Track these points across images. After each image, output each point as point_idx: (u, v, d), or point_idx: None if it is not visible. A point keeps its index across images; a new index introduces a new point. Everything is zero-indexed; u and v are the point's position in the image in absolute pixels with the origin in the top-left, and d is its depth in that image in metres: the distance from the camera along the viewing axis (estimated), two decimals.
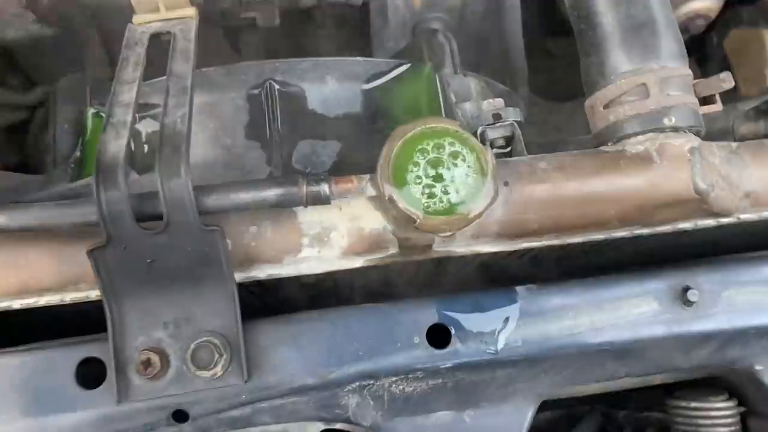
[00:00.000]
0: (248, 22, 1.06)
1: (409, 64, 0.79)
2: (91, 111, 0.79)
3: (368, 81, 0.78)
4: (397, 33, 1.12)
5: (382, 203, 0.57)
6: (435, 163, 0.55)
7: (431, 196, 0.54)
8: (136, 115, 0.62)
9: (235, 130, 0.75)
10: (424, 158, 0.56)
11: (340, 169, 0.75)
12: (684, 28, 1.20)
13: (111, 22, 0.90)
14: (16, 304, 0.61)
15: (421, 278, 0.71)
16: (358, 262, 0.62)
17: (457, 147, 0.55)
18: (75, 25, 0.86)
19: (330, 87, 0.77)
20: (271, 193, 0.56)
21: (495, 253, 0.63)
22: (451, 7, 1.06)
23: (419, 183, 0.54)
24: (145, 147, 0.76)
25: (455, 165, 0.55)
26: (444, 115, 0.77)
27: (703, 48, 1.51)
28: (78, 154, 0.78)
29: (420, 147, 0.55)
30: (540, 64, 1.35)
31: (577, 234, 0.63)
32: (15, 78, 0.92)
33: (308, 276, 0.63)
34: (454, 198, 0.54)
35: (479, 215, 0.54)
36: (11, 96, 0.94)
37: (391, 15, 1.10)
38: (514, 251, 0.63)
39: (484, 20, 1.15)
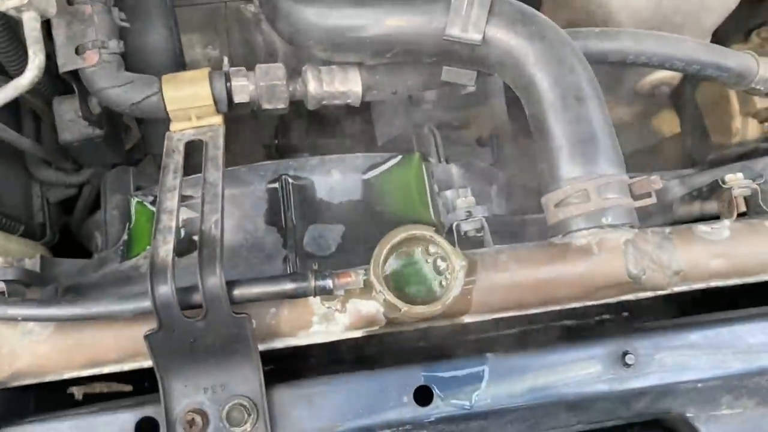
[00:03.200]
0: None
1: (399, 156, 0.94)
2: (134, 201, 0.94)
3: (366, 172, 0.93)
4: (396, 108, 1.26)
5: (375, 293, 0.71)
6: (416, 263, 0.70)
7: (412, 291, 0.68)
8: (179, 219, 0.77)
9: (256, 218, 0.90)
10: (407, 260, 0.70)
11: (344, 249, 0.89)
12: (650, 94, 1.33)
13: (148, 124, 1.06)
14: (84, 373, 0.76)
15: (408, 343, 0.85)
16: (356, 334, 0.76)
17: (434, 249, 0.70)
18: (118, 128, 1.02)
19: (335, 178, 0.91)
20: (287, 287, 0.70)
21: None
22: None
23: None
24: (182, 231, 0.90)
25: (432, 264, 0.70)
26: (430, 200, 0.91)
27: (679, 97, 1.64)
28: (125, 237, 0.93)
29: (402, 250, 0.70)
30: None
31: (535, 308, 0.77)
32: (67, 163, 1.08)
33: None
34: (431, 292, 0.69)
35: (451, 304, 0.69)
36: (65, 177, 1.09)
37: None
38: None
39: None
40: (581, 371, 0.76)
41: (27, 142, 0.98)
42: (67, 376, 0.75)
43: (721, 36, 1.42)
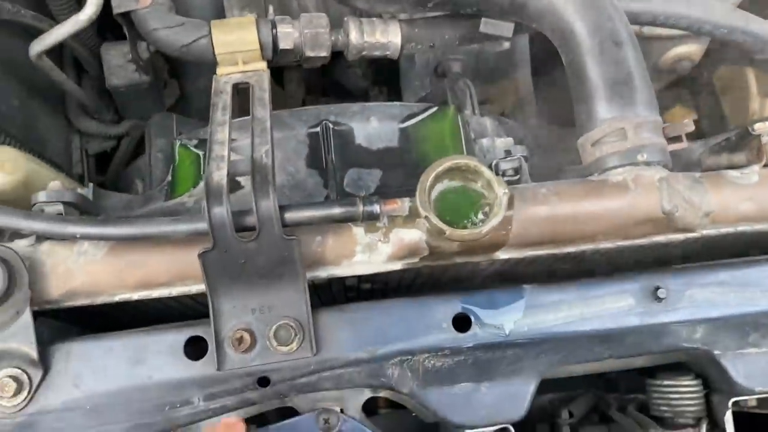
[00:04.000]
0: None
1: (436, 107, 0.97)
2: (178, 144, 0.97)
3: (403, 121, 0.96)
4: (422, 72, 1.29)
5: (419, 220, 0.74)
6: (460, 191, 0.72)
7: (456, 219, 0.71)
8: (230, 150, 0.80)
9: (298, 161, 0.92)
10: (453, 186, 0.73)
11: (381, 192, 0.92)
12: (672, 69, 1.36)
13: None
14: (135, 296, 0.78)
15: (447, 277, 0.88)
16: (398, 266, 0.79)
17: (477, 179, 0.73)
18: (160, 81, 1.05)
19: (373, 126, 0.94)
20: (336, 211, 0.73)
21: (507, 260, 0.80)
22: (469, 50, 1.23)
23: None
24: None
25: (475, 193, 0.73)
26: (465, 149, 0.94)
27: (695, 80, 1.67)
28: (170, 178, 0.96)
29: (449, 177, 0.73)
30: (548, 94, 1.52)
31: (570, 245, 0.80)
32: (108, 114, 1.11)
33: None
34: (473, 218, 0.71)
35: (492, 231, 0.71)
36: (105, 128, 1.12)
37: (417, 57, 1.28)
38: (522, 258, 0.80)
39: (498, 60, 1.32)
40: (615, 304, 0.78)
41: (73, 86, 1.01)
42: (118, 297, 0.77)
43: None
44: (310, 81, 1.51)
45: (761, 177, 0.81)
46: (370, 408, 0.83)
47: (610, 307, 0.78)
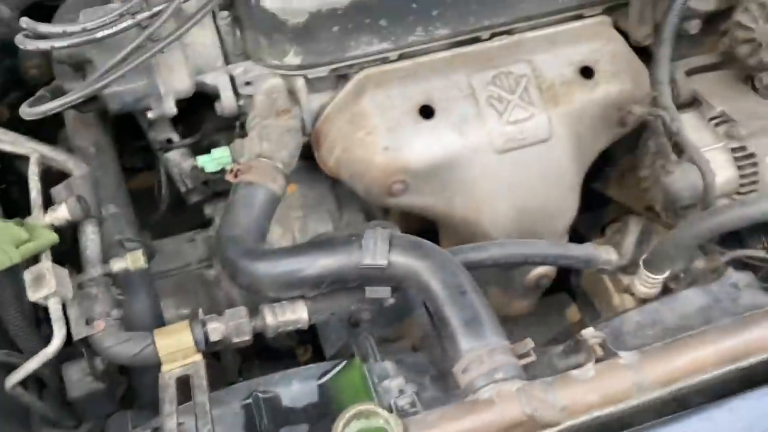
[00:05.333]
0: None
1: (345, 362, 1.19)
2: None
3: (320, 378, 1.17)
4: (336, 327, 1.53)
5: None
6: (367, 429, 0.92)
7: None
8: None
9: (236, 430, 1.10)
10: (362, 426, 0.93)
11: None
12: (536, 287, 1.66)
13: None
14: None
15: None
16: None
17: (378, 417, 0.93)
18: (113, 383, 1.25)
19: (295, 388, 1.15)
20: None
21: None
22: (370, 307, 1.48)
23: None
24: None
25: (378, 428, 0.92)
26: (373, 390, 1.15)
27: (569, 287, 1.97)
28: None
29: (356, 419, 0.92)
30: None
31: None
32: (69, 420, 1.27)
33: None
34: None
35: None
36: None
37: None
38: None
39: (397, 305, 1.57)
40: None
41: (40, 405, 1.18)
42: None
43: (583, 235, 1.80)
44: (244, 350, 1.72)
45: (596, 371, 1.05)
46: None
47: None
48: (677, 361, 1.06)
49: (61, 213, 1.16)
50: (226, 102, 1.44)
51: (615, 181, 1.84)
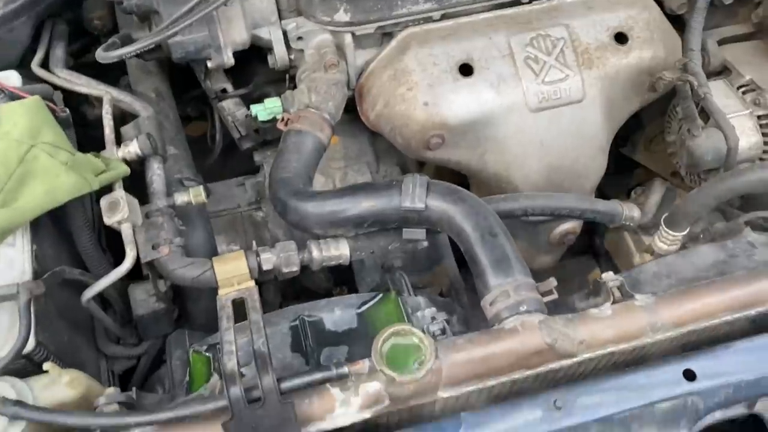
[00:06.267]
0: None
1: (381, 294, 1.30)
2: (192, 351, 1.26)
3: (359, 307, 1.28)
4: (371, 270, 1.64)
5: (377, 373, 1.03)
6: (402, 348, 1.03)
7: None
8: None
9: (284, 348, 1.22)
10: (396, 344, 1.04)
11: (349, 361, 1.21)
12: (561, 242, 1.74)
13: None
14: None
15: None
16: (368, 414, 1.05)
17: (411, 338, 1.04)
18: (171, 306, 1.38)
19: (337, 314, 1.26)
20: (317, 376, 1.00)
21: (450, 397, 1.07)
22: (405, 249, 1.59)
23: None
24: None
25: (412, 347, 1.03)
26: (407, 318, 1.26)
27: (592, 247, 2.05)
28: (187, 378, 1.23)
29: (393, 339, 1.03)
30: None
31: (490, 379, 1.09)
32: (131, 338, 1.41)
33: None
34: (414, 366, 1.01)
35: (428, 374, 1.01)
36: (128, 350, 1.41)
37: (365, 260, 1.63)
38: (460, 394, 1.08)
39: (427, 254, 1.66)
40: (530, 417, 1.05)
41: (109, 321, 1.32)
42: None
43: (609, 197, 1.87)
44: (284, 290, 1.84)
45: (613, 311, 1.13)
46: None
47: (526, 420, 1.06)
48: (690, 305, 1.14)
49: (132, 148, 1.28)
50: (279, 55, 1.54)
51: (643, 145, 1.90)
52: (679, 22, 1.62)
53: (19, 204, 1.11)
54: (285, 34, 1.54)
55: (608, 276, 1.19)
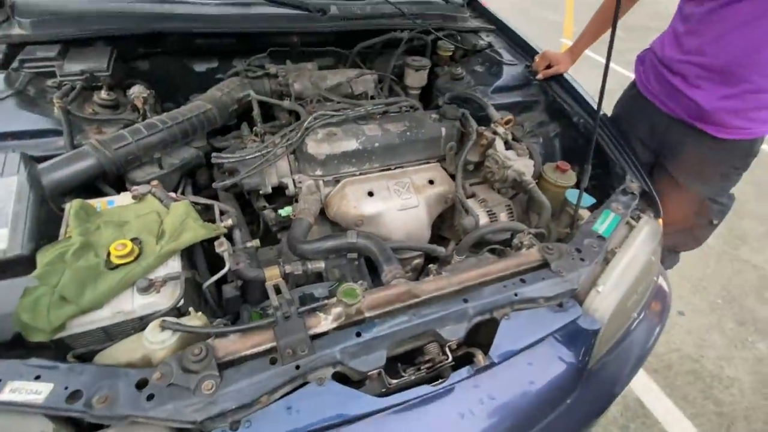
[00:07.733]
0: None
1: (337, 282, 1.59)
2: (252, 312, 1.47)
3: (331, 287, 1.56)
4: (333, 273, 1.91)
5: (340, 302, 1.31)
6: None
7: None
8: None
9: (297, 301, 1.47)
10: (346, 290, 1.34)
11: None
12: (414, 268, 2.07)
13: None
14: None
15: None
16: (335, 324, 1.21)
17: (356, 288, 1.34)
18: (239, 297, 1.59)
19: (319, 290, 1.51)
20: (314, 305, 1.29)
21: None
22: (351, 263, 1.85)
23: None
24: None
25: (355, 291, 1.34)
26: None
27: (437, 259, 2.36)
28: None
29: (343, 289, 1.34)
30: None
31: (384, 307, 1.38)
32: (219, 310, 1.58)
33: None
34: (355, 301, 1.31)
35: (359, 303, 1.31)
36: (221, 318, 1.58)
37: (331, 269, 1.91)
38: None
39: (359, 266, 1.97)
40: None
41: (212, 299, 1.50)
42: None
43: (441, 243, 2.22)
44: (297, 283, 2.03)
45: (434, 279, 1.48)
46: None
47: (399, 322, 1.35)
48: (465, 275, 1.34)
49: (227, 223, 1.55)
50: (291, 188, 1.91)
51: (445, 228, 2.34)
52: (452, 176, 2.14)
53: (179, 241, 1.37)
54: (293, 181, 1.93)
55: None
